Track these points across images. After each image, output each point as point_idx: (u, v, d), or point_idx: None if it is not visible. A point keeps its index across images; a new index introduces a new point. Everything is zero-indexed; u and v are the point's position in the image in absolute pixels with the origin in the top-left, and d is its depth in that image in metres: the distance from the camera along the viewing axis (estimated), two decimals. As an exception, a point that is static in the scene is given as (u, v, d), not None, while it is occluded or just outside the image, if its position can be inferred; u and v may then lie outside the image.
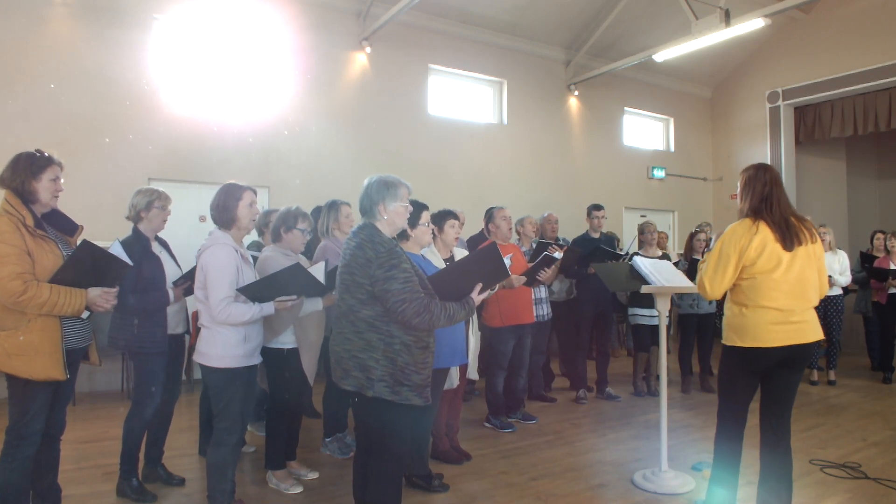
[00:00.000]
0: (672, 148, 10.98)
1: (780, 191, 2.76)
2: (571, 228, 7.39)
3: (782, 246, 2.66)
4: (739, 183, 2.86)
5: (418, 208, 3.06)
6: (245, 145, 6.72)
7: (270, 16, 6.98)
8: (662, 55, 8.11)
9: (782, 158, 10.04)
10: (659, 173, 10.52)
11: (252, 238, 4.60)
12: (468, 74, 8.68)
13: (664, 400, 3.67)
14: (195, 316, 3.55)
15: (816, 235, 2.78)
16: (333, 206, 4.13)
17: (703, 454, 3.97)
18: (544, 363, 5.89)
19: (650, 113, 10.70)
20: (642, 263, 3.70)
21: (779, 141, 10.12)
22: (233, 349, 2.85)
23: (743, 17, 7.14)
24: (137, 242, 3.24)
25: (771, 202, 2.72)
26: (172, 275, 3.36)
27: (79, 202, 4.61)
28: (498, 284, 3.65)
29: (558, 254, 4.60)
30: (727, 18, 7.07)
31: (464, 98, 8.77)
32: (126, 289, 2.98)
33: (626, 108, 10.33)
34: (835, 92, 9.40)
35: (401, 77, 7.94)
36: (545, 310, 5.15)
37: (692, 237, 6.07)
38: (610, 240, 6.18)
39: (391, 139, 7.74)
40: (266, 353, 3.19)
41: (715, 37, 7.30)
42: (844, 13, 9.24)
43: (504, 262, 2.63)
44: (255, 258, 3.38)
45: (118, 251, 3.10)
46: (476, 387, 5.70)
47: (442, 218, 3.86)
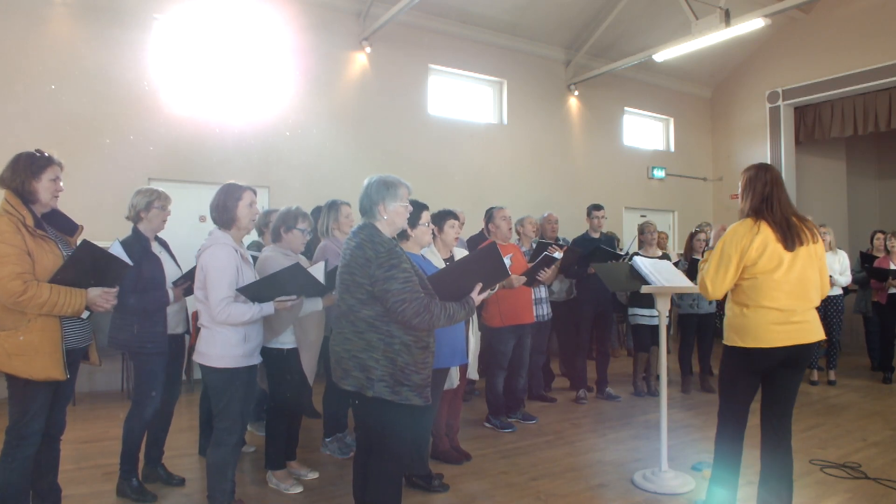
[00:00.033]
0: (672, 148, 10.98)
1: (782, 191, 2.75)
2: (571, 228, 7.39)
3: (783, 246, 2.66)
4: (740, 183, 2.85)
5: (418, 208, 3.06)
6: (245, 145, 6.72)
7: (270, 16, 6.98)
8: (662, 55, 8.11)
9: (782, 158, 10.03)
10: (659, 173, 10.51)
11: (252, 238, 4.60)
12: (468, 74, 8.68)
13: (664, 400, 3.67)
14: (195, 316, 3.55)
15: (818, 235, 2.78)
16: (333, 206, 4.13)
17: (703, 454, 3.97)
18: (544, 363, 5.89)
19: (650, 113, 10.70)
20: (642, 263, 3.70)
21: (779, 141, 10.12)
22: (233, 349, 2.85)
23: (743, 17, 7.14)
24: (137, 242, 3.24)
25: (772, 202, 2.72)
26: (172, 275, 3.36)
27: (79, 202, 4.61)
28: (498, 284, 3.64)
29: (558, 254, 4.60)
30: (727, 18, 7.07)
31: (464, 98, 8.76)
32: (126, 289, 2.98)
33: (626, 108, 10.33)
34: (835, 92, 9.40)
35: (401, 77, 7.94)
36: (545, 310, 5.15)
37: (692, 237, 6.07)
38: (610, 240, 6.18)
39: (391, 139, 7.73)
40: (266, 353, 3.19)
41: (715, 37, 7.30)
42: (844, 13, 9.24)
43: (504, 262, 2.63)
44: (255, 258, 3.38)
45: (118, 251, 3.10)
46: (476, 387, 5.70)
47: (442, 218, 3.86)
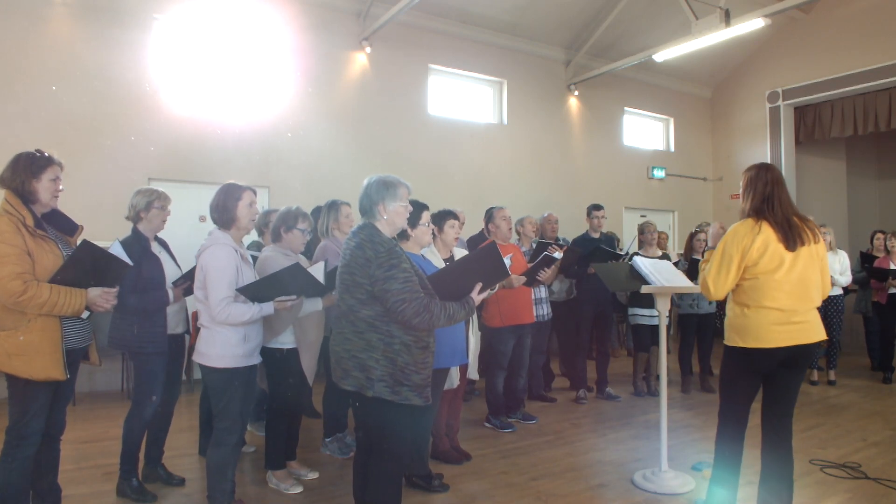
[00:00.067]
0: (672, 148, 10.98)
1: (783, 190, 2.75)
2: (571, 228, 7.39)
3: (785, 246, 2.66)
4: (742, 183, 2.85)
5: (418, 208, 3.06)
6: (245, 145, 6.72)
7: (270, 16, 6.98)
8: (662, 55, 8.11)
9: (782, 158, 10.03)
10: (659, 173, 10.51)
11: (252, 238, 4.60)
12: (468, 74, 8.68)
13: (664, 400, 3.67)
14: (195, 316, 3.55)
15: (819, 235, 2.77)
16: (333, 206, 4.13)
17: (703, 454, 3.97)
18: (544, 363, 5.89)
19: (650, 113, 10.70)
20: (642, 263, 3.70)
21: (779, 141, 10.11)
22: (232, 349, 2.85)
23: (743, 17, 7.14)
24: (137, 242, 3.24)
25: (773, 202, 2.71)
26: (172, 275, 3.36)
27: (79, 202, 4.61)
28: (498, 284, 3.64)
29: (558, 254, 4.60)
30: (727, 18, 7.07)
31: (464, 98, 8.76)
32: (126, 289, 2.98)
33: (626, 108, 10.33)
34: (835, 92, 9.39)
35: (401, 77, 7.94)
36: (545, 310, 5.15)
37: (692, 237, 6.06)
38: (610, 240, 6.18)
39: (391, 139, 7.73)
40: (266, 353, 3.19)
41: (715, 37, 7.30)
42: (844, 13, 9.24)
43: (504, 262, 2.63)
44: (255, 258, 3.38)
45: (118, 251, 3.10)
46: (476, 387, 5.70)
47: (442, 218, 3.85)
